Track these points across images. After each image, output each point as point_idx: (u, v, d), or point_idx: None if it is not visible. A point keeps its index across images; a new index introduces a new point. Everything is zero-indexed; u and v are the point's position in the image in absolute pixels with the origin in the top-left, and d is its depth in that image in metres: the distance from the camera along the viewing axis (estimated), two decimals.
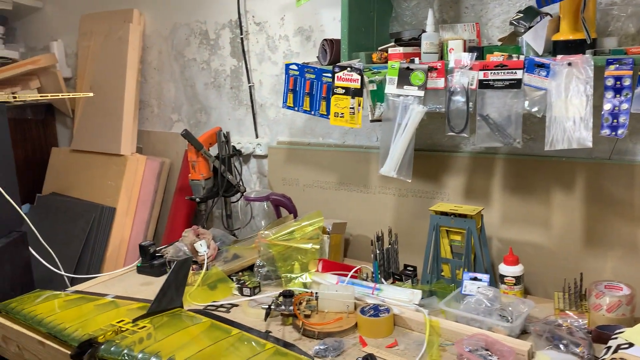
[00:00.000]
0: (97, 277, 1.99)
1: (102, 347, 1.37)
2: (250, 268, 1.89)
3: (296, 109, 1.81)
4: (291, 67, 1.79)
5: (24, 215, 1.90)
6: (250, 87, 2.29)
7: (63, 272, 2.07)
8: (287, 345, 1.41)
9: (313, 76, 1.73)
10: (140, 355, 1.33)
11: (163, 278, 1.93)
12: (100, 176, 2.56)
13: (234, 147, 2.22)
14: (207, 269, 1.87)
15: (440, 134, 1.85)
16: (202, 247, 1.95)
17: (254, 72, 2.28)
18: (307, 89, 1.75)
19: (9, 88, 2.77)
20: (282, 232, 1.86)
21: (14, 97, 1.81)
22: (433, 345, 1.37)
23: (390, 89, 1.54)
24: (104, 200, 2.50)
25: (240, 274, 1.87)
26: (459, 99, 1.47)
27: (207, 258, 1.91)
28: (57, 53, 2.87)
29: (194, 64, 2.48)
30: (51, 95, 1.76)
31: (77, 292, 1.83)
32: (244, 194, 2.13)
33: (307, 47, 2.10)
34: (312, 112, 1.76)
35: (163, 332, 1.47)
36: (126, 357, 1.34)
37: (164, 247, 2.06)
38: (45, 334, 1.53)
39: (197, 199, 2.09)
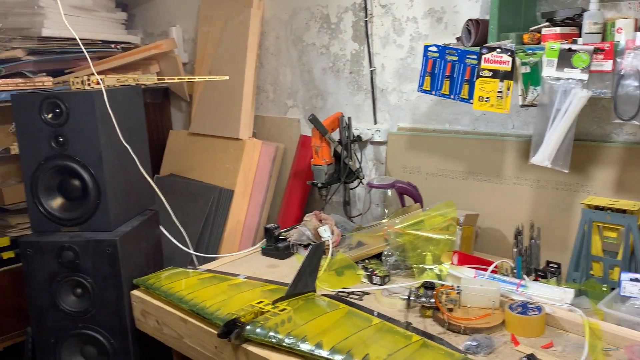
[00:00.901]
0: (224, 257, 2.02)
1: (248, 327, 1.38)
2: (376, 256, 1.85)
3: (433, 92, 1.73)
4: (430, 49, 1.72)
5: (159, 193, 1.97)
6: (371, 71, 2.24)
7: (192, 251, 2.13)
8: (432, 338, 1.36)
9: (455, 58, 1.65)
10: (287, 339, 1.33)
11: (288, 261, 1.95)
12: (218, 159, 2.61)
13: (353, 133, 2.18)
14: (331, 255, 1.85)
15: (587, 122, 1.71)
16: (325, 233, 1.93)
17: (376, 56, 2.23)
18: (447, 71, 1.67)
19: (131, 72, 2.88)
20: (410, 222, 1.80)
21: (160, 79, 1.86)
22: (595, 349, 1.27)
23: (549, 71, 1.43)
24: (222, 182, 2.55)
25: (367, 261, 1.83)
26: (631, 83, 1.34)
27: (332, 244, 1.89)
28: (176, 38, 2.95)
29: (312, 48, 2.46)
30: (188, 78, 1.80)
31: (208, 270, 1.88)
32: (367, 180, 2.09)
33: (438, 29, 2.02)
34: (452, 96, 1.68)
35: (302, 316, 1.46)
36: (273, 340, 1.34)
37: (287, 230, 2.06)
38: (187, 311, 1.57)
39: (319, 184, 2.08)
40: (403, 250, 1.75)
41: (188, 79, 1.78)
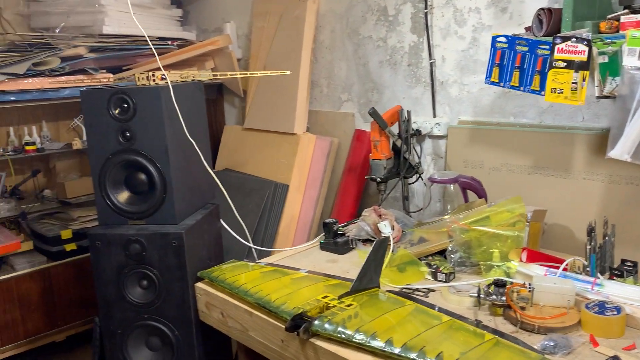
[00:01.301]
0: (283, 250, 2.03)
1: (316, 322, 1.38)
2: (439, 253, 1.81)
3: (502, 84, 1.68)
4: (499, 39, 1.67)
5: (222, 187, 1.99)
6: (431, 63, 2.20)
7: (252, 245, 2.15)
8: (505, 337, 1.32)
9: (525, 49, 1.60)
10: (357, 335, 1.31)
11: (347, 256, 1.94)
12: (273, 154, 2.63)
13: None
14: (392, 251, 1.83)
15: None
16: (386, 228, 1.91)
17: (436, 48, 2.18)
18: (517, 62, 1.62)
19: (187, 68, 2.92)
20: (475, 217, 1.76)
21: (214, 75, 1.88)
22: None
23: (630, 61, 1.36)
24: (277, 177, 2.56)
25: (429, 258, 1.80)
26: None
27: (392, 239, 1.86)
28: (230, 34, 2.97)
29: (368, 41, 2.44)
30: (250, 73, 1.82)
31: (269, 264, 1.88)
32: (429, 175, 2.05)
33: (502, 20, 1.96)
34: (522, 88, 1.63)
35: (369, 312, 1.44)
36: (342, 335, 1.33)
37: (345, 225, 2.05)
38: (253, 304, 1.58)
39: (378, 179, 2.05)
40: (468, 247, 1.71)
41: (250, 74, 1.79)
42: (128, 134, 1.76)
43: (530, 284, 1.45)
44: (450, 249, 1.74)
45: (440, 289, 1.61)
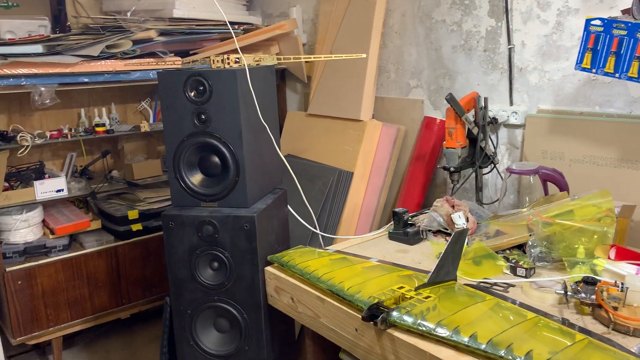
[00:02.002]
0: (351, 238, 2.00)
1: (394, 313, 1.34)
2: (517, 246, 1.74)
3: (594, 70, 1.58)
4: (593, 22, 1.57)
5: (292, 172, 1.97)
6: (509, 49, 2.10)
7: (319, 231, 2.13)
8: (596, 337, 1.24)
9: (624, 32, 1.49)
10: (438, 329, 1.27)
11: (417, 247, 1.89)
12: (337, 141, 2.59)
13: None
14: (467, 244, 1.76)
15: None
16: (460, 220, 1.85)
17: (516, 33, 2.08)
18: (613, 47, 1.51)
19: (253, 53, 2.91)
20: (558, 211, 1.67)
21: (285, 59, 1.85)
22: None
23: None
24: (341, 164, 2.53)
25: (507, 252, 1.73)
26: None
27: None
28: (296, 18, 2.95)
29: (442, 26, 2.35)
30: (324, 57, 1.77)
31: (337, 251, 1.86)
32: (507, 165, 1.97)
33: (591, 3, 1.84)
34: (617, 75, 1.53)
35: (447, 305, 1.39)
36: (423, 328, 1.29)
37: (415, 215, 2.00)
38: (325, 290, 1.56)
39: (452, 168, 1.99)
40: (550, 242, 1.63)
41: (325, 57, 1.75)
42: (203, 117, 1.76)
43: (622, 283, 1.36)
44: (530, 243, 1.66)
45: (520, 284, 1.54)
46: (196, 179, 1.83)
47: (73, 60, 2.43)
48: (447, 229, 1.90)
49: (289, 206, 2.07)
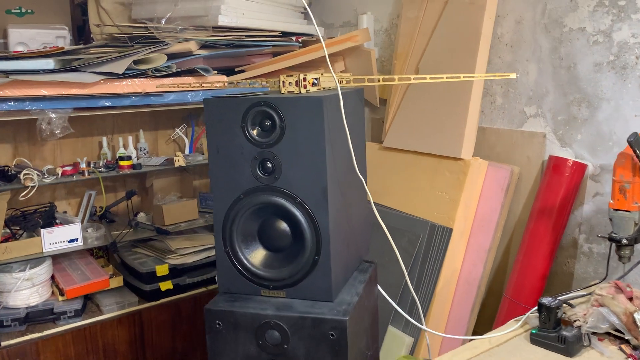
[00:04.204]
0: (468, 339, 1.38)
1: None
2: None
3: None
4: None
5: (390, 239, 1.37)
6: None
7: (424, 327, 1.52)
8: None
9: None
10: None
11: (579, 359, 1.27)
12: (427, 184, 1.99)
13: None
14: None
15: None
16: None
17: None
18: None
19: (313, 70, 2.35)
20: None
21: (386, 79, 1.27)
22: None
23: None
24: (434, 215, 1.93)
25: None
26: None
27: None
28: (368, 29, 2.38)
29: (579, 35, 1.75)
30: (464, 76, 1.18)
31: None
32: None
33: None
34: None
35: None
36: None
37: (572, 309, 1.37)
38: None
39: (624, 240, 1.36)
40: None
41: (465, 77, 1.16)
42: (270, 165, 1.18)
43: None
44: None
45: None
46: (256, 256, 1.25)
47: (92, 79, 1.90)
48: (624, 334, 1.28)
49: (379, 287, 1.47)
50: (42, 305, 2.10)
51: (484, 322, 1.98)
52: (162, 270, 2.26)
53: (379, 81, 1.26)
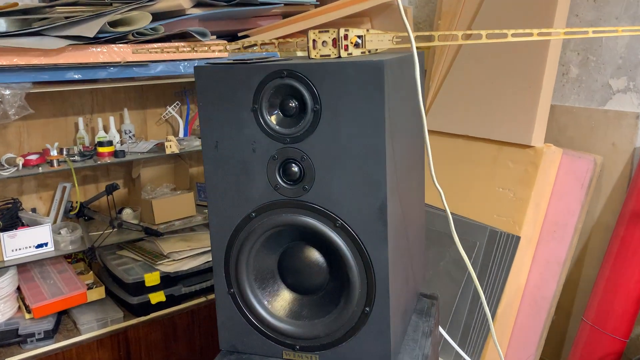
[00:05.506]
0: None
1: None
2: None
3: None
4: None
5: (469, 266, 0.97)
6: None
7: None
8: None
9: None
10: None
11: None
12: (484, 178, 1.58)
13: None
14: None
15: None
16: None
17: None
18: None
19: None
20: None
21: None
22: None
23: None
24: (493, 219, 1.52)
25: None
26: None
27: None
28: None
29: None
30: (579, 30, 0.75)
31: None
32: None
33: None
34: None
35: None
36: None
37: None
38: None
39: None
40: None
41: (580, 32, 0.74)
42: (296, 169, 0.77)
43: None
44: None
45: None
46: (277, 301, 0.84)
47: (56, 45, 1.48)
48: None
49: (441, 328, 1.07)
50: (5, 325, 1.71)
51: (548, 342, 1.59)
52: (152, 279, 1.87)
53: (460, 38, 0.83)
